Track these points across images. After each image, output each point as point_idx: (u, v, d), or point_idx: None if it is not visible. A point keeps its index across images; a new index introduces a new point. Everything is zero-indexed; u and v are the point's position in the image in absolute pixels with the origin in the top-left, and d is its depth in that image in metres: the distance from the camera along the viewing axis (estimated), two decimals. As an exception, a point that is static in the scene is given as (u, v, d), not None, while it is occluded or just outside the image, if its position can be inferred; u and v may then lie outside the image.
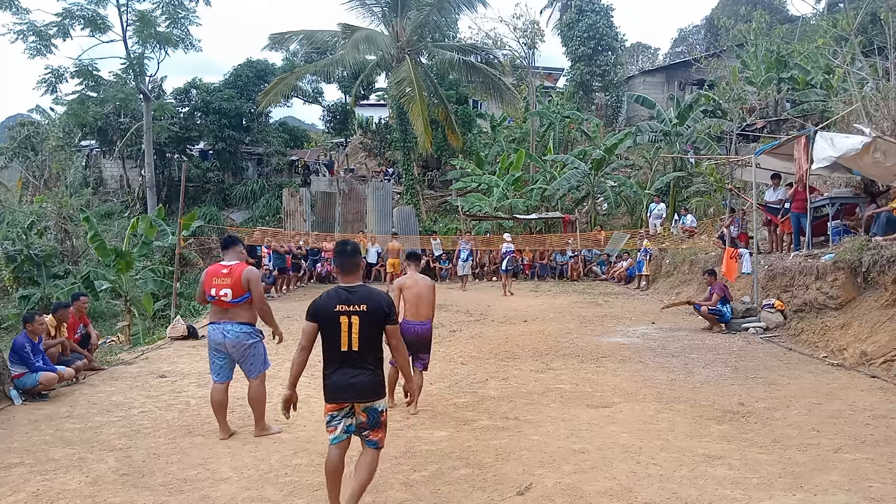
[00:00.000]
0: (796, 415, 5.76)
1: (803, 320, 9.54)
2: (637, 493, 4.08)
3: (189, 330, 10.45)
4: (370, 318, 3.59)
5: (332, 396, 3.63)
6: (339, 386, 3.59)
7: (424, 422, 5.66)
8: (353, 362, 3.59)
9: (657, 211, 19.75)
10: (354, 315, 3.56)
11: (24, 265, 17.00)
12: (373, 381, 3.64)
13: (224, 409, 5.39)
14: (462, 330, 10.98)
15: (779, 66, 21.47)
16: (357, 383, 3.58)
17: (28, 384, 6.63)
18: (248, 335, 5.28)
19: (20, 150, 29.27)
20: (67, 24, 22.60)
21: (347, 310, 3.57)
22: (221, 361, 5.35)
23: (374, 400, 3.65)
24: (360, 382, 3.58)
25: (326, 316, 3.60)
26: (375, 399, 3.65)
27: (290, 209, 22.53)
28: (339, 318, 3.56)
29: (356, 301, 3.59)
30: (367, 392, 3.62)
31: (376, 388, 3.66)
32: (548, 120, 27.71)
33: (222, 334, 5.23)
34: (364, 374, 3.60)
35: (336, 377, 3.60)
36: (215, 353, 5.33)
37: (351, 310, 3.57)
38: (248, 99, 26.93)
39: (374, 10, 24.32)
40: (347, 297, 3.61)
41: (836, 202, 10.79)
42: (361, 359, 3.60)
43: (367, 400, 3.63)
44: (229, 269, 5.26)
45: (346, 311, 3.57)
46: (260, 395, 5.38)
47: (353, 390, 3.59)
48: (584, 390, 6.82)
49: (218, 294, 5.20)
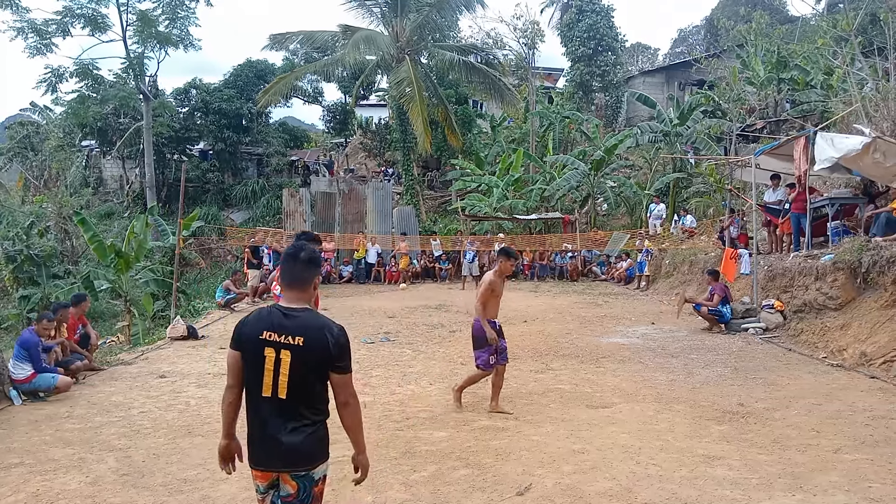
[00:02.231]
0: (796, 415, 5.76)
1: (803, 321, 9.54)
2: (637, 494, 4.09)
3: (189, 330, 10.44)
4: (306, 358, 2.54)
5: (253, 461, 2.64)
6: (260, 447, 2.59)
7: (424, 422, 5.66)
8: (278, 414, 2.56)
9: (657, 211, 19.76)
10: (284, 349, 2.54)
11: (24, 265, 16.99)
12: (309, 441, 2.59)
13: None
14: (462, 330, 10.96)
15: (779, 67, 21.48)
16: (285, 445, 2.55)
17: (43, 386, 6.62)
18: None
19: (20, 150, 29.29)
20: (68, 22, 22.60)
21: (277, 340, 2.54)
22: None
23: (311, 466, 2.60)
24: (289, 444, 2.55)
25: (250, 343, 2.59)
26: (313, 465, 2.61)
27: (290, 209, 22.50)
28: (264, 348, 2.55)
29: (291, 331, 2.55)
30: (299, 457, 2.58)
31: (314, 451, 2.61)
32: (548, 120, 27.72)
33: None
34: (296, 431, 2.56)
35: (255, 433, 2.60)
36: None
37: (281, 341, 2.54)
38: (248, 99, 26.94)
39: (374, 10, 24.34)
40: (281, 323, 2.57)
41: (836, 203, 10.79)
42: (290, 411, 2.56)
43: (298, 468, 2.58)
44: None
45: (275, 343, 2.54)
46: None
47: (279, 455, 2.56)
48: (583, 391, 6.83)
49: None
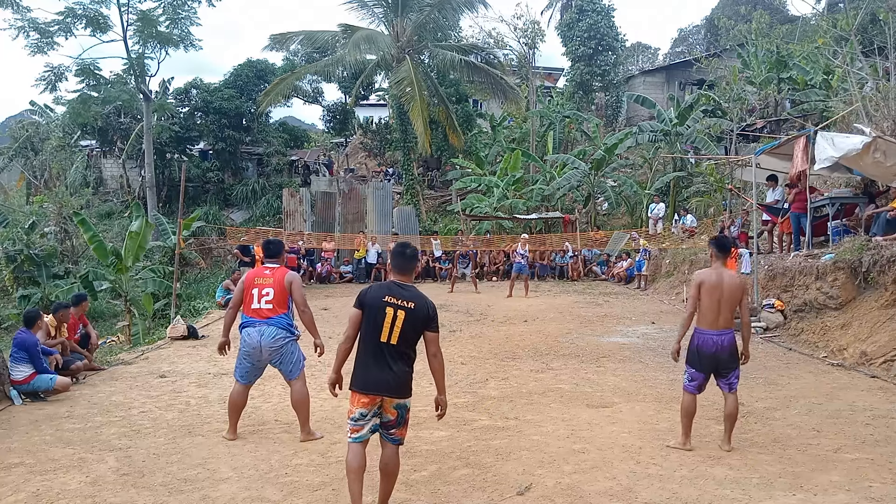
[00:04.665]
0: (796, 415, 5.76)
1: (803, 320, 9.54)
2: (637, 493, 4.09)
3: (189, 330, 10.44)
4: (414, 317, 3.64)
5: (364, 386, 3.63)
6: (374, 377, 3.62)
7: (424, 422, 5.65)
8: (389, 355, 3.62)
9: (657, 211, 19.75)
10: (401, 310, 3.63)
11: (24, 265, 17.01)
12: (407, 378, 3.70)
13: (240, 412, 5.39)
14: (462, 330, 10.98)
15: (779, 67, 21.47)
16: (393, 377, 3.62)
17: (42, 387, 6.61)
18: (284, 335, 5.23)
19: (20, 150, 29.28)
20: (70, 22, 22.58)
21: (395, 303, 3.64)
22: (251, 365, 5.28)
23: (405, 397, 3.70)
24: (396, 376, 3.63)
25: (374, 304, 3.66)
26: (406, 396, 3.71)
27: (290, 209, 22.48)
28: (385, 308, 3.63)
29: (406, 297, 3.66)
30: (401, 387, 3.66)
31: (408, 386, 3.72)
32: (548, 120, 27.70)
33: (259, 335, 5.16)
34: (399, 369, 3.64)
35: (371, 368, 3.62)
36: (247, 355, 5.24)
37: (399, 304, 3.64)
38: (249, 99, 26.90)
39: (375, 10, 24.33)
40: (399, 292, 3.68)
41: (836, 202, 10.79)
42: (398, 353, 3.64)
43: (400, 396, 3.67)
44: (272, 270, 5.33)
45: (394, 304, 3.63)
46: (304, 397, 5.32)
47: (388, 384, 3.62)
48: (584, 390, 6.82)
49: (260, 294, 5.19)
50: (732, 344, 4.79)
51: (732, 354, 4.80)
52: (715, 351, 4.76)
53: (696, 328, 4.86)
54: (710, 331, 4.78)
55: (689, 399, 4.87)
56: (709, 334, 4.78)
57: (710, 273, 4.87)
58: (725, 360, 4.80)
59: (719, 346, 4.76)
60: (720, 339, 4.76)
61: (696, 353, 4.86)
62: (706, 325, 4.80)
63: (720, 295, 4.76)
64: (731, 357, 4.80)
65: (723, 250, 4.94)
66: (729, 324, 4.81)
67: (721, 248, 4.94)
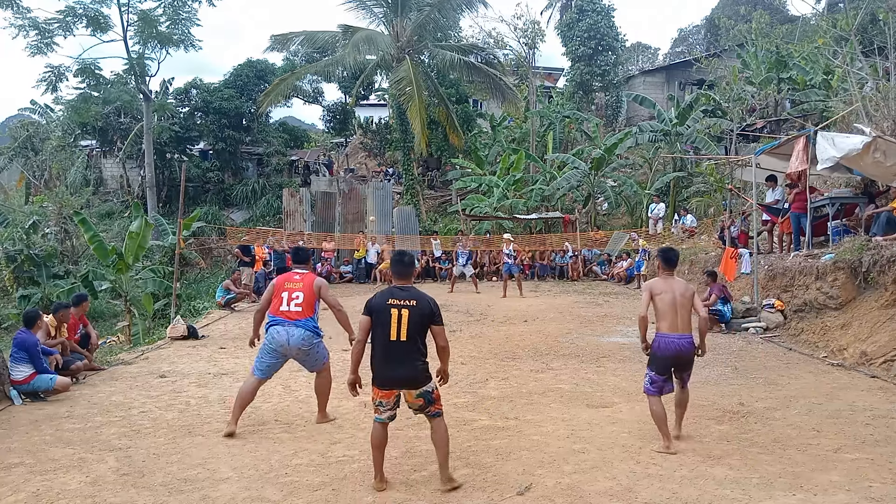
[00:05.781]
0: (796, 415, 5.76)
1: (803, 320, 9.54)
2: (637, 493, 4.09)
3: (189, 330, 10.44)
4: (418, 313, 4.07)
5: (382, 383, 4.12)
6: (389, 375, 4.09)
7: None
8: (400, 352, 4.04)
9: (657, 211, 19.75)
10: (405, 308, 4.06)
11: (24, 265, 17.00)
12: (420, 370, 4.11)
13: (246, 405, 5.55)
14: (462, 330, 10.98)
15: (779, 67, 21.46)
16: (406, 373, 4.08)
17: (41, 387, 6.61)
18: (312, 337, 5.51)
19: (20, 149, 29.27)
20: (70, 22, 22.58)
21: (399, 303, 4.09)
22: (274, 361, 5.53)
23: (423, 385, 4.12)
24: (408, 372, 4.07)
25: (380, 308, 4.12)
26: (424, 384, 4.13)
27: (290, 209, 22.47)
28: (390, 309, 4.07)
29: (407, 297, 4.11)
30: (416, 380, 4.10)
31: (424, 375, 4.13)
32: (548, 120, 27.68)
33: (287, 335, 5.40)
34: (412, 363, 4.07)
35: (385, 366, 4.08)
36: (273, 351, 5.47)
37: (402, 304, 4.08)
38: (249, 99, 26.91)
39: (375, 10, 24.32)
40: (400, 294, 4.14)
41: (836, 202, 10.79)
42: (408, 349, 4.05)
43: (418, 387, 4.11)
44: (301, 276, 5.67)
45: (398, 305, 4.08)
46: (327, 383, 5.78)
47: (403, 380, 4.09)
48: (584, 390, 6.83)
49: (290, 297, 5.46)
50: (691, 348, 4.99)
51: (691, 356, 5.02)
52: (676, 352, 4.94)
53: (657, 332, 5.02)
54: (670, 334, 4.95)
55: (654, 402, 4.98)
56: (670, 338, 4.94)
57: (657, 281, 5.15)
58: (684, 363, 5.02)
59: (679, 349, 4.94)
60: (680, 342, 4.94)
61: (656, 356, 5.02)
62: (666, 329, 4.97)
63: (672, 298, 4.96)
64: (689, 359, 5.03)
65: (668, 263, 5.18)
66: (687, 327, 4.98)
67: (667, 261, 5.20)
